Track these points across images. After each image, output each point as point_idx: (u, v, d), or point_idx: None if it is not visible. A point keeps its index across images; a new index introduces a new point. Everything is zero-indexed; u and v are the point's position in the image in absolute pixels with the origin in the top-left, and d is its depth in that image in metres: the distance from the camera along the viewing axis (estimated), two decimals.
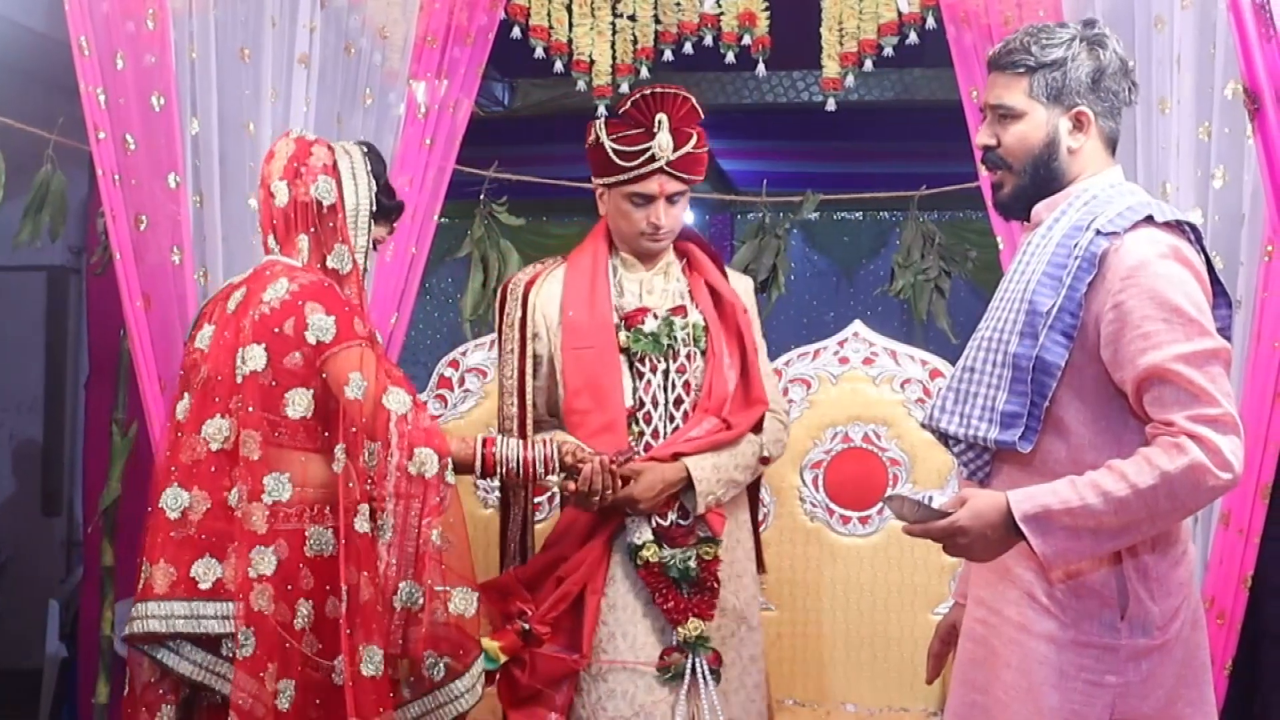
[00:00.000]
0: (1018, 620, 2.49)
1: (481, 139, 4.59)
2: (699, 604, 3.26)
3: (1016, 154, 2.55)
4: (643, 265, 3.40)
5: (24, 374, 7.45)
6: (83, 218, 5.61)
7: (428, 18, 4.13)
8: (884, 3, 4.19)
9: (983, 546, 2.38)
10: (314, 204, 3.14)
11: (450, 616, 3.01)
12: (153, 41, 3.76)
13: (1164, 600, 2.43)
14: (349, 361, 3.02)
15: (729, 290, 3.40)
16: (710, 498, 3.26)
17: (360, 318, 3.09)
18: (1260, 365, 3.45)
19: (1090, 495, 2.30)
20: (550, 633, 3.25)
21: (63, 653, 5.97)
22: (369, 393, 3.00)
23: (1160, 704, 2.44)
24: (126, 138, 3.73)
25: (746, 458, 3.33)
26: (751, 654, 3.39)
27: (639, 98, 3.27)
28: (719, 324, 3.35)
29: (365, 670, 2.93)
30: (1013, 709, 2.48)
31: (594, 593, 3.26)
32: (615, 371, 3.30)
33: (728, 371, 3.31)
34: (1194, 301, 2.36)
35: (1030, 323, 2.42)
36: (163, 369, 3.80)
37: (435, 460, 3.03)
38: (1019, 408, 2.42)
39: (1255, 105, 3.22)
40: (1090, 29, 2.54)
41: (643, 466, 3.21)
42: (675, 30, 4.35)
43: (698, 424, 3.28)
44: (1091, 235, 2.40)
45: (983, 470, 2.54)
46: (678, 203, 3.33)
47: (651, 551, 3.25)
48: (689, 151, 3.29)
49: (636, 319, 3.34)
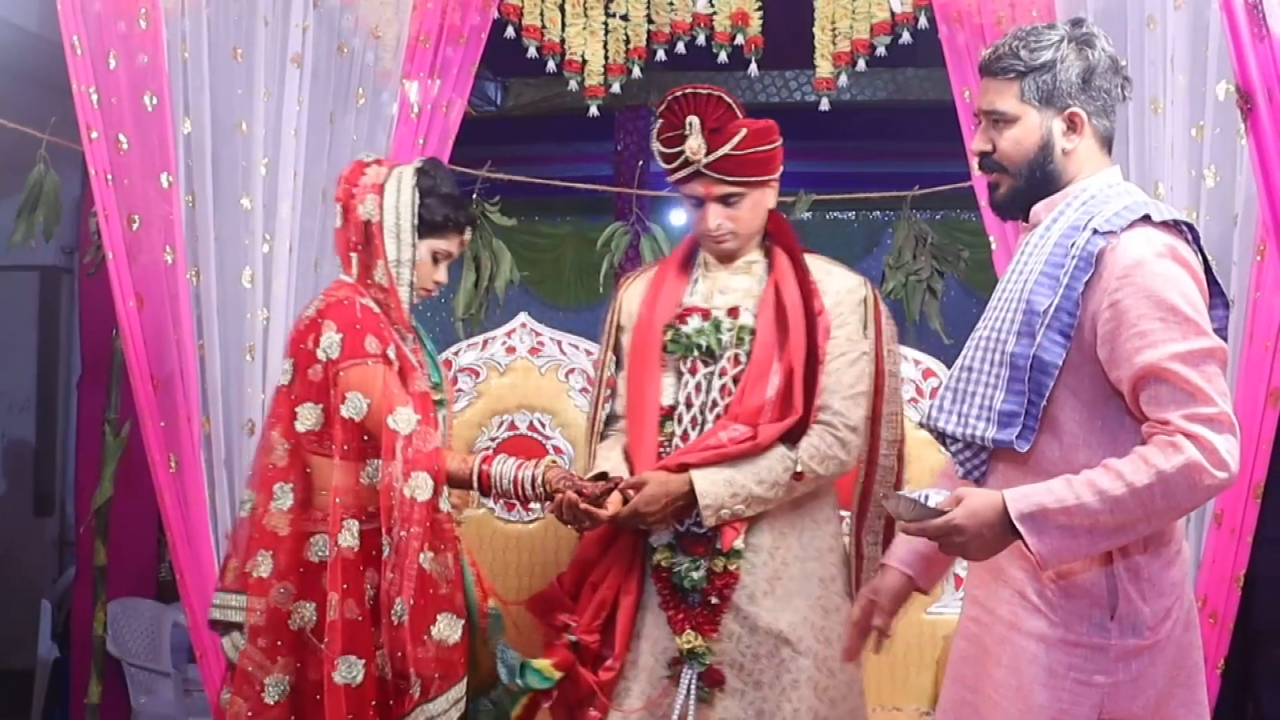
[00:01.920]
0: (1009, 619, 2.49)
1: (474, 139, 4.59)
2: (700, 617, 3.13)
3: (1012, 158, 2.55)
4: (721, 264, 3.30)
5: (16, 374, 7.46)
6: (75, 217, 5.61)
7: (421, 17, 4.13)
8: (877, 2, 4.19)
9: (979, 545, 2.38)
10: (361, 223, 3.23)
11: (432, 640, 3.06)
12: (145, 41, 3.75)
13: (1155, 600, 2.43)
14: (351, 380, 3.11)
15: (793, 295, 3.18)
16: (724, 511, 3.08)
17: (376, 335, 3.15)
18: (1253, 365, 3.46)
19: (1086, 494, 2.30)
20: (598, 641, 3.17)
21: (55, 653, 5.97)
22: (370, 411, 3.10)
23: (1151, 704, 2.44)
24: (119, 137, 3.73)
25: (772, 472, 3.10)
26: (794, 679, 3.11)
27: (671, 99, 3.17)
28: (772, 329, 3.17)
29: (338, 678, 3.03)
30: (1002, 707, 2.48)
31: (627, 594, 3.18)
32: (653, 370, 3.23)
33: (771, 378, 3.13)
34: (1190, 301, 2.36)
35: (1028, 322, 2.42)
36: (155, 369, 3.80)
37: (430, 486, 3.08)
38: (1016, 407, 2.42)
39: (1248, 105, 3.23)
40: (1078, 29, 2.54)
41: (647, 477, 3.11)
42: (668, 30, 4.35)
43: (717, 432, 3.15)
44: (1088, 234, 2.40)
45: (979, 470, 2.54)
46: (736, 204, 3.18)
47: (664, 556, 3.17)
48: (728, 154, 3.12)
49: (682, 319, 3.25)
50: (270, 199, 3.96)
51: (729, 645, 3.13)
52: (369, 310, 3.20)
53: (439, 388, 3.34)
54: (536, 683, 3.14)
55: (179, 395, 3.82)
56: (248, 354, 3.92)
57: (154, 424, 3.80)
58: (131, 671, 5.41)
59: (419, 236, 3.25)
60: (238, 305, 3.92)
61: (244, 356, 3.92)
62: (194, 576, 3.87)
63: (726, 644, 3.14)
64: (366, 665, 3.04)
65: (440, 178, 3.30)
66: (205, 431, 3.88)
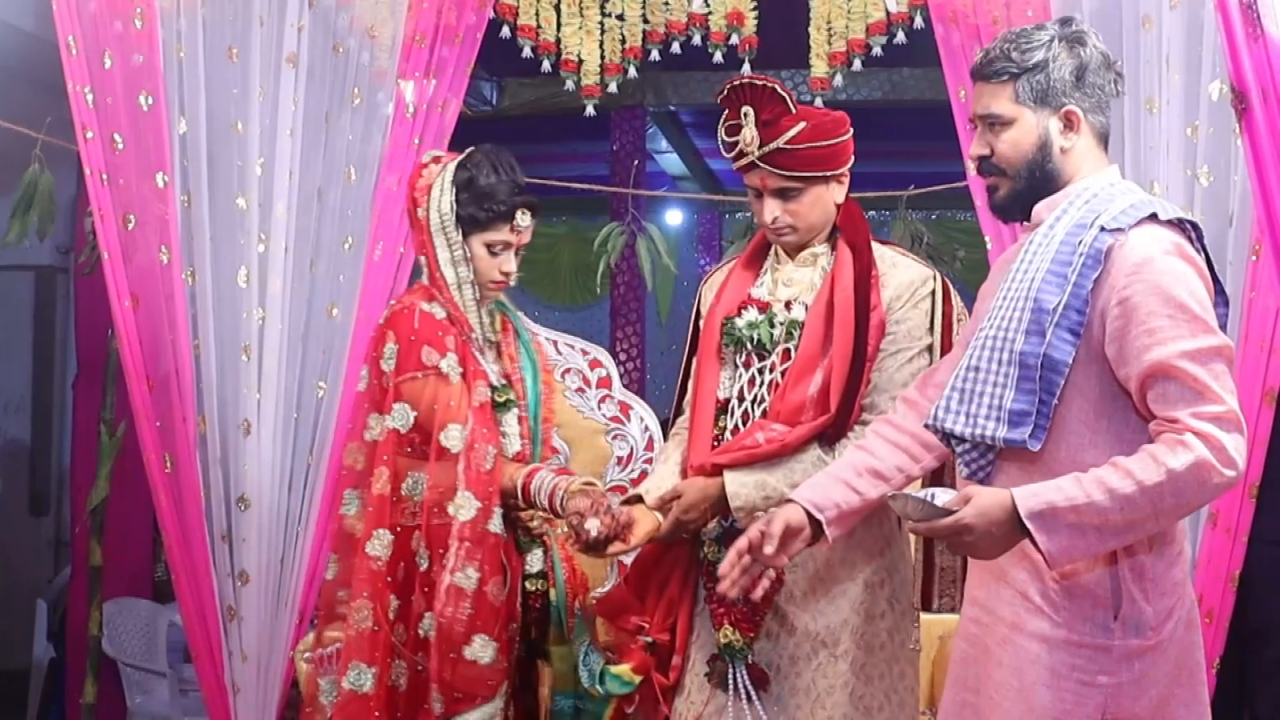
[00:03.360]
0: (1011, 620, 2.48)
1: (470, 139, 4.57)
2: (740, 614, 3.05)
3: (1011, 160, 2.54)
4: (789, 256, 3.19)
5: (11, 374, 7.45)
6: (71, 217, 5.60)
7: (416, 17, 4.12)
8: (872, 2, 4.20)
9: (988, 544, 2.38)
10: (423, 226, 3.21)
11: (462, 660, 3.03)
12: (140, 41, 3.76)
13: (1158, 601, 2.43)
14: (402, 393, 3.11)
15: (846, 289, 3.06)
16: (758, 513, 2.97)
17: (433, 344, 3.13)
18: (1249, 364, 3.46)
19: (1096, 492, 2.29)
20: (670, 639, 3.13)
21: (50, 653, 5.96)
22: (416, 424, 3.10)
23: (1153, 704, 2.43)
24: (114, 137, 3.73)
25: (806, 474, 2.97)
26: (830, 684, 3.03)
27: (730, 88, 3.05)
28: (821, 324, 3.06)
29: (346, 683, 3.05)
30: (1004, 708, 2.47)
31: (686, 590, 3.15)
32: (712, 363, 3.17)
33: (815, 375, 3.04)
34: (1198, 298, 2.36)
35: (1036, 320, 2.41)
36: (150, 369, 3.80)
37: (473, 506, 3.05)
38: (1028, 405, 2.41)
39: (1242, 105, 3.23)
40: (1068, 27, 2.53)
41: (683, 487, 3.06)
42: (663, 30, 4.36)
43: (754, 432, 3.05)
44: (1096, 232, 2.40)
45: (985, 470, 2.52)
46: (794, 198, 3.06)
47: (712, 550, 3.11)
48: (781, 147, 3.00)
49: (739, 311, 3.16)
50: (265, 199, 3.96)
51: (767, 645, 3.08)
52: (429, 318, 3.16)
53: (503, 389, 3.26)
54: (617, 689, 3.11)
55: (174, 395, 3.83)
56: (243, 354, 3.92)
57: (149, 424, 3.80)
58: (127, 671, 5.40)
59: (465, 233, 3.19)
60: (233, 305, 3.92)
61: (239, 356, 3.92)
62: (189, 576, 3.87)
63: (765, 644, 3.07)
64: (379, 674, 3.04)
65: (478, 169, 3.21)
66: (200, 431, 3.89)
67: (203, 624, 3.90)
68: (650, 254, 4.95)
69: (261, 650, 3.96)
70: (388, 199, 4.04)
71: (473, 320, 3.21)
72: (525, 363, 3.35)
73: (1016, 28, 2.58)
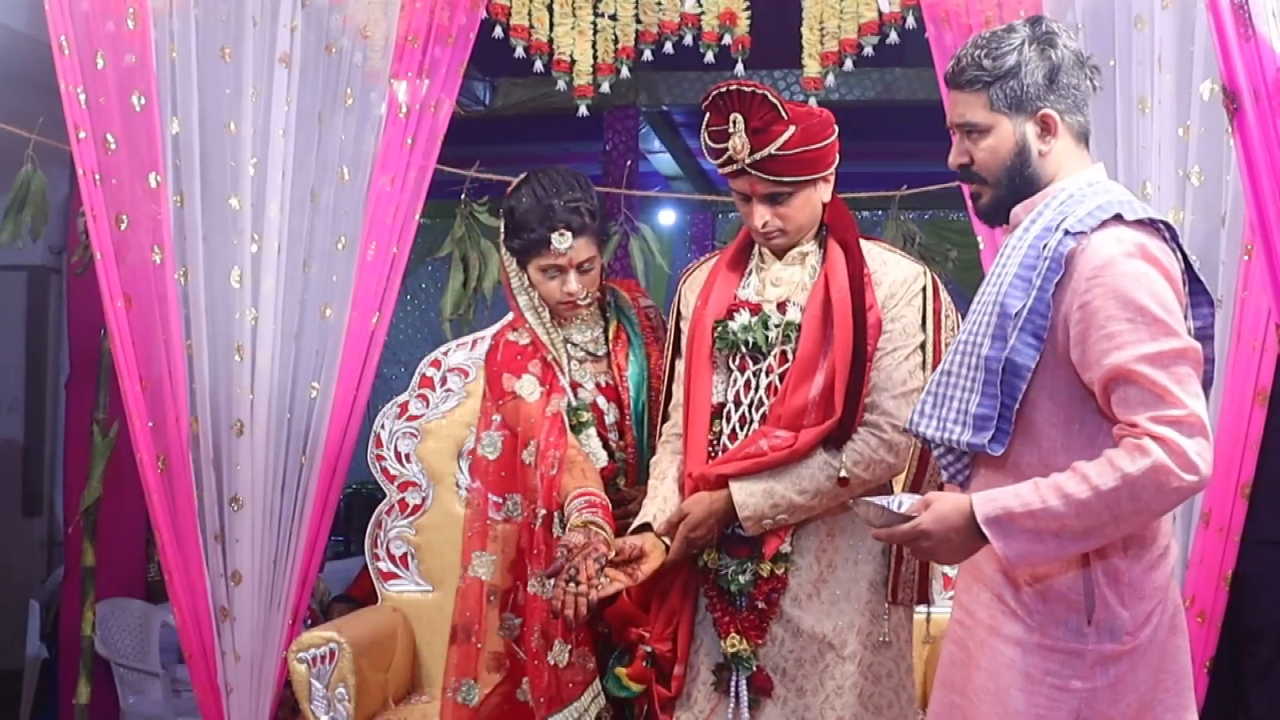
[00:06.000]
0: (988, 623, 2.49)
1: (462, 139, 4.59)
2: (747, 622, 3.05)
3: (990, 168, 2.54)
4: (775, 257, 3.15)
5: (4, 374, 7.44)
6: (63, 217, 5.60)
7: (409, 17, 4.12)
8: (865, 2, 4.19)
9: (947, 549, 2.39)
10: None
11: (546, 665, 3.16)
12: (133, 41, 3.76)
13: (1135, 605, 2.41)
14: (486, 419, 3.39)
15: (842, 288, 3.03)
16: (766, 521, 2.99)
17: (512, 370, 3.32)
18: (1241, 365, 3.47)
19: (1052, 497, 2.29)
20: (671, 649, 3.12)
21: (43, 654, 5.96)
22: (504, 450, 3.34)
23: (1134, 709, 2.42)
24: (107, 137, 3.73)
25: (814, 480, 2.99)
26: (838, 685, 3.02)
27: (717, 94, 3.00)
28: (818, 325, 3.03)
29: (450, 694, 3.30)
30: (982, 711, 2.47)
31: (688, 595, 3.13)
32: (704, 366, 3.13)
33: (816, 378, 3.01)
34: (1160, 301, 2.33)
35: (1001, 325, 2.41)
36: (144, 369, 3.80)
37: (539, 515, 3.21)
38: (990, 410, 2.41)
39: (1234, 105, 3.24)
40: (1038, 28, 2.51)
41: (688, 506, 3.03)
42: (656, 30, 4.35)
43: (758, 440, 3.02)
44: (1060, 236, 2.39)
45: (962, 474, 2.54)
46: (784, 201, 3.04)
47: (711, 557, 3.08)
48: (772, 154, 2.97)
49: (730, 314, 3.13)
50: (259, 199, 3.96)
51: (773, 650, 3.06)
52: (511, 346, 3.36)
53: (575, 411, 3.31)
54: (615, 690, 3.15)
55: (167, 395, 3.82)
56: (236, 354, 3.92)
57: (142, 424, 3.80)
58: (120, 672, 5.41)
59: (520, 262, 3.31)
60: (226, 305, 3.92)
61: (232, 356, 3.92)
62: (182, 576, 3.87)
63: (770, 648, 3.06)
64: (483, 689, 3.27)
65: (517, 197, 3.28)
66: (194, 432, 3.89)
67: (196, 624, 3.90)
68: (643, 254, 4.93)
69: (254, 650, 3.96)
70: (380, 199, 4.04)
71: (544, 339, 3.34)
72: (632, 370, 3.39)
73: (987, 31, 2.57)
